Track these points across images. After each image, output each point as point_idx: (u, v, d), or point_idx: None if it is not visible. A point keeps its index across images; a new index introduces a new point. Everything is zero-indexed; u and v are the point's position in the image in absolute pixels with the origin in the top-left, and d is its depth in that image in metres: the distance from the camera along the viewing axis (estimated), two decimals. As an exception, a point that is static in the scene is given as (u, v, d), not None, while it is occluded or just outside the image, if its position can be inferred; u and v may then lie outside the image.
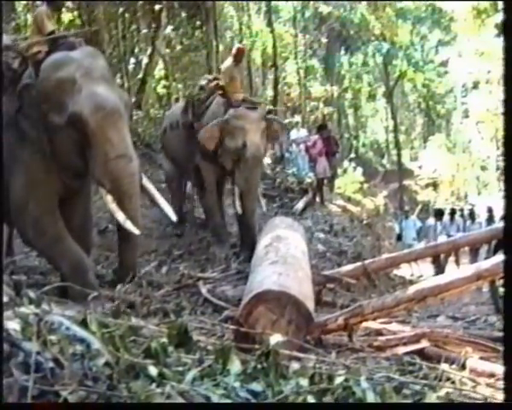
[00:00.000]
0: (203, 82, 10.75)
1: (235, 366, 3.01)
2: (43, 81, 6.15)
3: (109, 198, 6.16)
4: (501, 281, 7.03)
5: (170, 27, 22.26)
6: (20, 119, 6.27)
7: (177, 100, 22.20)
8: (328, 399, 2.67)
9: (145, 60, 21.07)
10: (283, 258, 5.75)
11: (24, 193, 6.29)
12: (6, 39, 6.71)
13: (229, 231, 10.84)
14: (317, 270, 8.01)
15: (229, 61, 10.42)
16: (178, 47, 23.17)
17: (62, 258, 6.36)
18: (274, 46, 24.06)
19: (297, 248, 6.55)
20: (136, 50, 22.60)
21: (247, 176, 9.62)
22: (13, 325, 2.47)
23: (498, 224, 12.70)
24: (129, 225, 6.13)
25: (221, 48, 22.23)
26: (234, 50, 10.46)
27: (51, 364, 2.34)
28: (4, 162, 6.33)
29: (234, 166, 9.73)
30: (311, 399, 2.60)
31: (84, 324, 2.80)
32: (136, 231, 6.16)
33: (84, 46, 6.71)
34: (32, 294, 3.21)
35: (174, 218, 7.03)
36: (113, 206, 6.16)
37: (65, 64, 6.19)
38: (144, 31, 21.65)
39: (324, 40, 31.03)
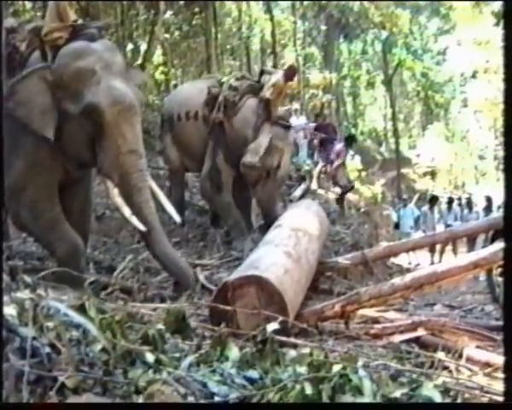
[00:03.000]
0: (235, 82, 10.39)
1: (233, 352, 3.01)
2: (61, 68, 6.08)
3: (116, 192, 6.07)
4: (498, 270, 7.05)
5: (169, 13, 22.17)
6: None
7: (175, 86, 22.18)
8: (325, 387, 2.66)
9: (144, 46, 21.00)
10: (294, 251, 5.78)
11: (21, 177, 6.23)
12: (13, 22, 6.65)
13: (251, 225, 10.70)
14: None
15: (279, 76, 10.29)
16: (177, 33, 23.10)
17: (58, 242, 6.29)
18: (273, 33, 23.99)
19: (310, 239, 6.61)
20: (135, 36, 22.51)
21: (272, 193, 9.85)
22: (9, 311, 2.46)
23: (496, 213, 12.73)
24: (134, 221, 6.03)
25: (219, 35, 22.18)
26: (286, 68, 10.49)
27: (48, 349, 2.34)
28: (6, 147, 6.33)
29: (258, 181, 9.79)
30: (308, 386, 2.59)
31: (81, 309, 2.80)
32: (142, 227, 6.02)
33: (103, 38, 6.65)
34: (28, 279, 3.21)
35: (178, 219, 6.89)
36: (119, 200, 6.08)
37: (85, 54, 6.12)
38: (143, 16, 21.57)
39: (323, 28, 30.94)
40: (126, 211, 6.06)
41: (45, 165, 6.28)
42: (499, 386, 3.35)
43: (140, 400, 2.23)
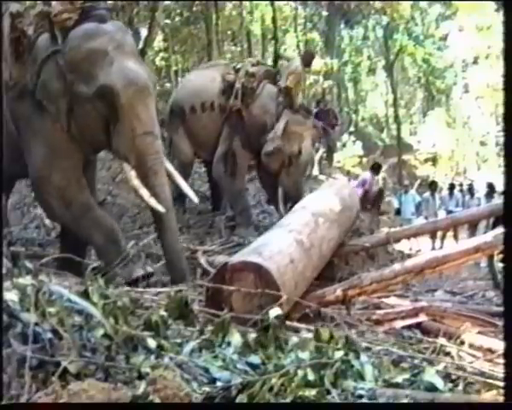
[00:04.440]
0: (252, 68, 10.33)
1: (235, 338, 3.02)
2: (73, 50, 5.99)
3: (133, 174, 6.00)
4: (499, 256, 7.05)
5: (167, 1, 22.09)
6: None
7: (176, 72, 22.12)
8: (327, 373, 2.67)
9: (144, 31, 20.91)
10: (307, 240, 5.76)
11: (46, 164, 6.16)
12: (19, 6, 6.56)
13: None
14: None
15: (297, 63, 10.35)
16: (178, 19, 23.01)
17: (94, 228, 6.18)
18: (274, 19, 23.89)
19: (331, 225, 6.61)
20: (136, 22, 22.42)
21: (297, 180, 9.93)
22: (11, 296, 2.46)
23: (498, 200, 12.72)
24: (153, 202, 5.95)
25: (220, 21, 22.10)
26: (304, 53, 10.45)
27: (50, 335, 2.34)
28: (21, 133, 6.25)
29: (280, 169, 9.88)
30: (310, 373, 2.60)
31: (85, 295, 2.80)
32: (161, 208, 5.93)
33: (113, 20, 6.59)
34: (29, 265, 3.21)
35: (196, 200, 6.88)
36: (137, 182, 5.99)
37: (97, 35, 6.04)
38: (144, 2, 21.47)
39: (324, 13, 30.80)
40: (145, 193, 5.98)
41: (65, 148, 6.18)
42: (500, 371, 3.36)
43: (142, 385, 2.23)
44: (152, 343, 2.70)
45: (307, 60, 10.37)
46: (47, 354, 2.28)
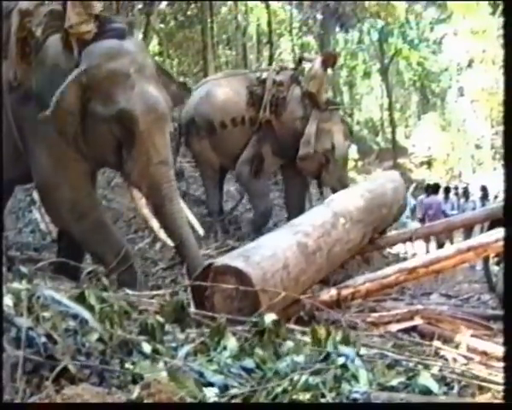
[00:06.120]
0: (278, 77, 10.23)
1: (231, 342, 3.02)
2: (93, 68, 5.71)
3: (143, 202, 5.83)
4: (495, 259, 7.07)
5: (164, 3, 22.11)
6: (46, 94, 5.80)
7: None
8: (324, 377, 2.67)
9: (139, 35, 20.92)
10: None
11: (52, 173, 5.99)
12: (28, 4, 6.19)
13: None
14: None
15: (317, 66, 10.24)
16: (172, 23, 23.04)
17: (106, 244, 5.98)
18: (269, 23, 23.92)
19: (352, 227, 6.51)
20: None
21: (340, 175, 9.97)
22: (5, 301, 2.46)
23: (493, 203, 12.74)
24: (163, 235, 5.80)
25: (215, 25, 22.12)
26: (325, 54, 10.46)
27: (44, 339, 2.34)
28: (24, 137, 6.03)
29: (320, 169, 9.92)
30: (310, 378, 2.60)
31: (81, 298, 2.80)
32: (170, 243, 5.78)
33: (131, 35, 6.29)
34: (24, 269, 3.20)
35: (202, 232, 6.36)
36: (147, 211, 5.84)
37: (119, 55, 5.80)
38: (139, 6, 21.48)
39: (319, 17, 30.85)
40: (155, 224, 5.81)
41: (71, 158, 5.97)
42: (496, 374, 3.36)
43: (136, 389, 2.23)
44: (147, 348, 2.70)
45: (328, 62, 10.35)
46: (41, 359, 2.28)
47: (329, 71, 11.27)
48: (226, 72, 14.86)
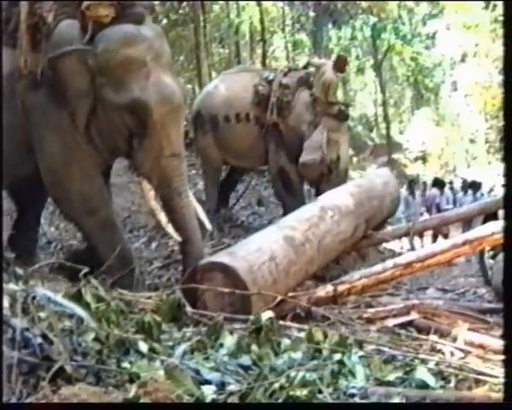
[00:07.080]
0: (285, 79, 10.13)
1: (228, 340, 3.02)
2: (108, 53, 5.56)
3: (152, 195, 5.69)
4: (490, 253, 7.08)
5: (156, 2, 22.05)
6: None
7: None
8: (320, 373, 2.67)
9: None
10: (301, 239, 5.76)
11: (65, 162, 5.83)
12: None
13: None
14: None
15: (329, 71, 10.03)
16: (165, 21, 22.99)
17: (111, 244, 5.76)
18: (261, 20, 23.89)
19: (341, 219, 6.63)
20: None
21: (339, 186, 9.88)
22: (1, 302, 2.45)
23: (487, 198, 12.78)
24: (170, 229, 5.67)
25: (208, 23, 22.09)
26: (336, 60, 10.33)
27: (40, 340, 2.33)
28: (32, 126, 5.85)
29: (321, 178, 9.72)
30: (307, 375, 2.60)
31: (77, 297, 2.80)
32: (178, 237, 5.66)
33: (149, 20, 6.10)
34: (19, 270, 3.20)
35: (210, 227, 6.30)
36: (155, 204, 5.70)
37: (136, 42, 5.63)
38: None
39: (312, 14, 30.81)
40: (162, 217, 5.69)
41: (83, 148, 5.81)
42: (492, 368, 3.37)
43: (133, 389, 2.23)
44: (143, 347, 2.70)
45: (340, 66, 10.22)
46: (37, 359, 2.28)
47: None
48: (240, 67, 14.81)
